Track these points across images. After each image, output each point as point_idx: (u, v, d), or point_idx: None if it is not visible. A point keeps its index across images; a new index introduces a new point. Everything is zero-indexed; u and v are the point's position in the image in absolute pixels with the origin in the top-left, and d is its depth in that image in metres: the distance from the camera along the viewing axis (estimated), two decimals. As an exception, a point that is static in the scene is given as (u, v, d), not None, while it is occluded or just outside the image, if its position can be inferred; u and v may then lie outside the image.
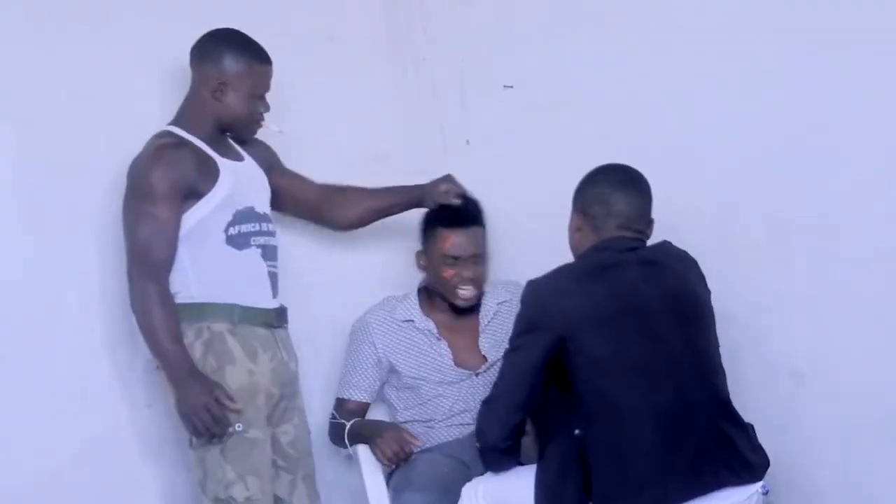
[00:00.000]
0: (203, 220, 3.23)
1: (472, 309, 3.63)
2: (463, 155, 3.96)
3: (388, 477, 3.50)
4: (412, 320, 3.61)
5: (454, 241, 3.53)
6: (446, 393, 3.57)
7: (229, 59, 3.31)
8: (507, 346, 3.11)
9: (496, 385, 3.09)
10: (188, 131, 3.29)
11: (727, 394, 3.03)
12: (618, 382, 2.92)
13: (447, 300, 3.60)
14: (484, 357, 3.60)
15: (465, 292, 3.56)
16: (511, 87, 3.85)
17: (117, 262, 3.32)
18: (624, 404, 2.92)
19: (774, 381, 3.33)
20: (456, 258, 3.53)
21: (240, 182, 3.33)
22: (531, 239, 3.74)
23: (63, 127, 3.34)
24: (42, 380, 3.25)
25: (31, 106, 3.32)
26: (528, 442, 3.33)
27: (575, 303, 2.97)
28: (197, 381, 3.15)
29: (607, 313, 2.96)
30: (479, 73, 3.93)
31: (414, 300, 3.65)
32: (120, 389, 3.38)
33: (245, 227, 3.30)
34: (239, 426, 3.19)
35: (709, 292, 3.11)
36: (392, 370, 3.60)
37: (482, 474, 3.24)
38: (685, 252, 3.13)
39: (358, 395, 3.60)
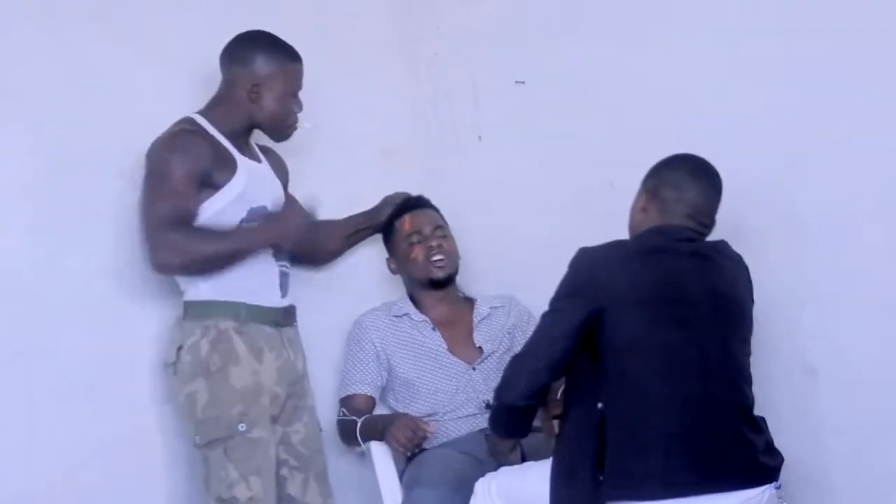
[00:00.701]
0: (219, 212, 3.25)
1: (464, 306, 3.72)
2: (475, 151, 3.97)
3: (401, 473, 3.50)
4: (408, 314, 3.68)
5: (413, 220, 3.70)
6: (443, 387, 3.58)
7: (262, 60, 3.33)
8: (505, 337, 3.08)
9: (529, 343, 3.07)
10: (212, 123, 3.32)
11: (752, 401, 3.01)
12: (646, 365, 2.91)
13: (425, 279, 3.68)
14: (480, 349, 3.64)
15: (438, 258, 3.66)
16: (523, 82, 3.85)
17: (130, 260, 3.34)
18: (649, 388, 2.90)
19: (788, 378, 3.32)
20: (420, 233, 3.67)
21: (254, 180, 3.34)
22: (543, 234, 3.73)
23: (75, 125, 3.35)
24: (54, 378, 3.25)
25: (43, 104, 3.33)
26: (540, 439, 3.34)
27: (621, 278, 2.96)
28: (268, 222, 3.29)
29: (650, 295, 2.94)
30: (491, 71, 3.94)
31: (407, 300, 3.73)
32: (132, 389, 3.38)
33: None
34: (242, 426, 3.20)
35: (752, 302, 3.10)
36: (390, 369, 3.62)
37: (495, 470, 3.25)
38: (740, 256, 3.12)
39: (362, 389, 3.61)
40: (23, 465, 3.18)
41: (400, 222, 3.71)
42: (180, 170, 3.20)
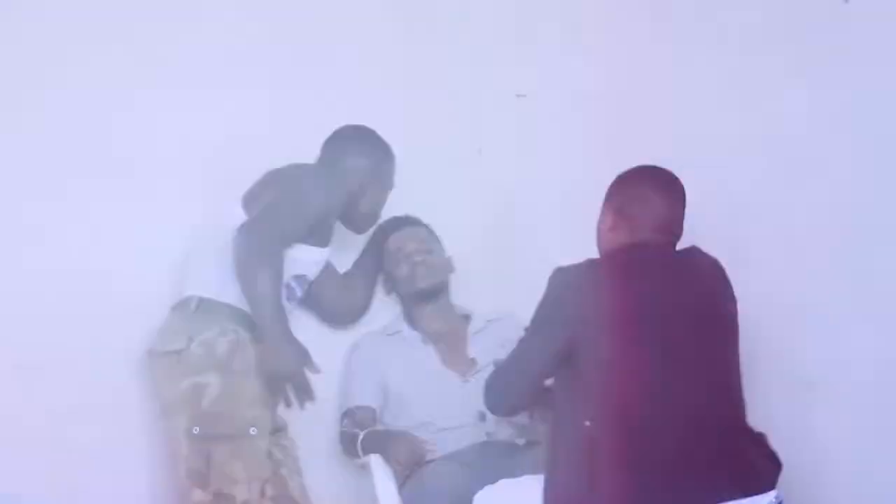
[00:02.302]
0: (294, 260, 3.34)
1: (460, 321, 3.75)
2: (475, 164, 3.97)
3: (401, 487, 3.49)
4: (400, 331, 3.72)
5: (397, 239, 3.73)
6: (436, 398, 3.60)
7: (376, 157, 3.56)
8: (499, 350, 3.27)
9: (511, 356, 3.14)
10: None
11: (742, 409, 3.02)
12: (628, 386, 2.92)
13: (412, 291, 3.71)
14: (473, 360, 3.66)
15: (422, 270, 3.69)
16: (524, 96, 3.86)
17: (138, 272, 3.39)
18: (632, 409, 2.91)
19: (787, 391, 3.33)
20: (403, 250, 3.71)
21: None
22: (544, 246, 3.74)
23: (79, 135, 3.39)
24: (60, 389, 3.29)
25: (43, 113, 3.36)
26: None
27: (592, 303, 2.97)
28: (292, 347, 3.25)
29: (623, 317, 2.95)
30: (492, 84, 3.94)
31: (401, 319, 3.77)
32: (138, 399, 3.40)
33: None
34: (254, 430, 3.24)
35: (734, 301, 3.09)
36: (385, 387, 3.64)
37: (494, 483, 3.24)
38: (714, 259, 3.11)
39: (364, 401, 3.63)
40: (34, 469, 3.23)
41: (389, 243, 3.75)
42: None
